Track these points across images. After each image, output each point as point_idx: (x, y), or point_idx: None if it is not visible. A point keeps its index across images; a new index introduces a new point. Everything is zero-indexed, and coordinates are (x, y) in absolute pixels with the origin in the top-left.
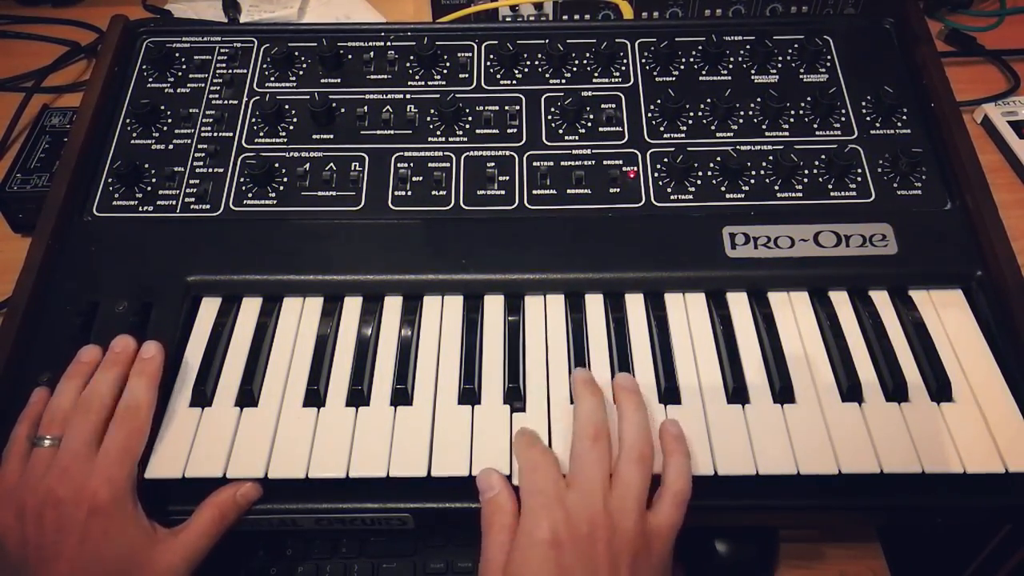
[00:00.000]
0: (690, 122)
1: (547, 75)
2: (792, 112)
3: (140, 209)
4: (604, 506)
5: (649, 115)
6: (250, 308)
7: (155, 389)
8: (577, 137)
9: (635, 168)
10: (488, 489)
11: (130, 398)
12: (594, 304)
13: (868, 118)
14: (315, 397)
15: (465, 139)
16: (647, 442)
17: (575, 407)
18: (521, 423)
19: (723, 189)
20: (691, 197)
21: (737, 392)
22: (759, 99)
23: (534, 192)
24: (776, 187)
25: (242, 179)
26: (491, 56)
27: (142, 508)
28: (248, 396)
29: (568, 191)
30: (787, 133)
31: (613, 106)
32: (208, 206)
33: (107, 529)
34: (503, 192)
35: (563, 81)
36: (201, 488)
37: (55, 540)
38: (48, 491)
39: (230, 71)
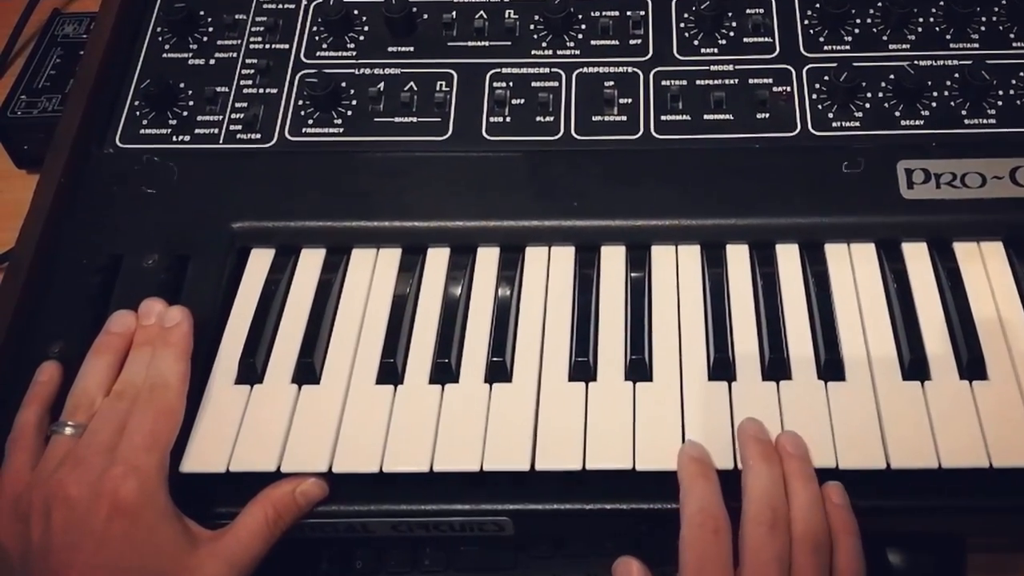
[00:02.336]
0: (857, 31)
1: None
2: (983, 17)
3: (174, 139)
4: None
5: (806, 22)
6: (310, 262)
7: (186, 361)
8: (716, 50)
9: (788, 88)
10: None
11: (155, 374)
12: (737, 256)
13: None
14: (391, 372)
15: (577, 52)
16: (822, 526)
17: (746, 478)
18: (647, 404)
19: (897, 114)
20: (858, 124)
21: (915, 366)
22: (942, 1)
23: (663, 118)
24: (963, 112)
25: (300, 102)
26: None
27: (176, 506)
28: (308, 371)
29: (705, 117)
30: (977, 45)
31: (761, 11)
32: (258, 136)
33: (131, 532)
34: (624, 118)
35: None
36: (250, 485)
37: (65, 546)
38: (57, 486)
39: None
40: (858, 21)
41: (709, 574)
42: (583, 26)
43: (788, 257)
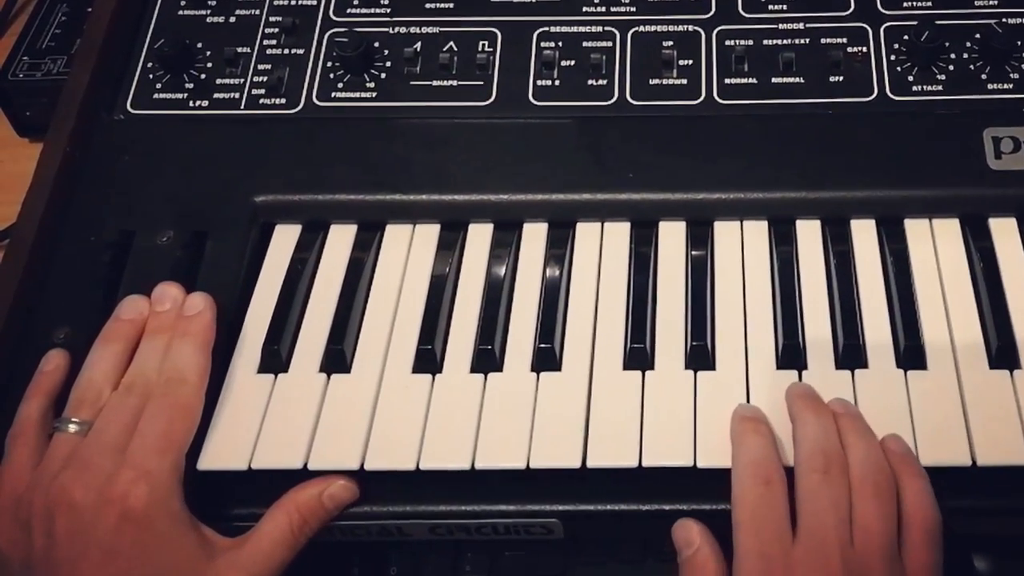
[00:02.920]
0: None
1: None
2: None
3: (191, 104)
4: (844, 567)
5: None
6: (340, 239)
7: (206, 354)
8: (785, 6)
9: (864, 49)
10: (686, 546)
11: (171, 367)
12: (808, 233)
13: None
14: (429, 360)
15: (633, 9)
16: (883, 471)
17: (796, 431)
18: (710, 395)
19: (984, 77)
20: (940, 88)
21: (1004, 353)
22: None
23: (726, 82)
24: None
25: (329, 64)
26: None
27: (191, 512)
28: (338, 359)
29: (773, 80)
30: None
31: None
32: (283, 101)
33: (142, 542)
34: (684, 82)
35: None
36: (274, 484)
37: (70, 557)
38: (61, 490)
39: None
40: None
41: (763, 529)
42: None
43: (864, 233)
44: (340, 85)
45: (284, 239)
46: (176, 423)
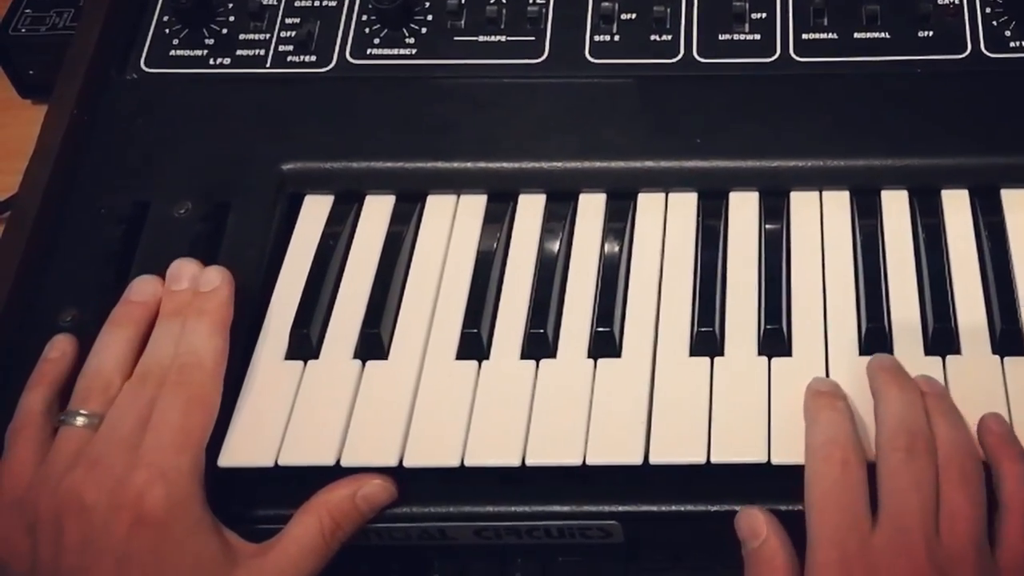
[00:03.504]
0: None
1: None
2: None
3: (211, 62)
4: (929, 556)
5: None
6: (377, 211)
7: (223, 335)
8: None
9: (957, 0)
10: (752, 537)
11: (186, 351)
12: (895, 204)
13: None
14: (475, 345)
15: None
16: (972, 452)
17: (878, 407)
18: (786, 384)
19: None
20: None
21: None
22: None
23: (804, 37)
24: None
25: (364, 17)
26: None
27: (212, 514)
28: (374, 344)
29: (855, 35)
30: None
31: None
32: (313, 58)
33: (159, 547)
34: (757, 36)
35: None
36: (303, 483)
37: (80, 565)
38: (70, 492)
39: None
40: None
41: (839, 515)
42: None
43: (956, 205)
44: (376, 41)
45: (314, 211)
46: (192, 415)
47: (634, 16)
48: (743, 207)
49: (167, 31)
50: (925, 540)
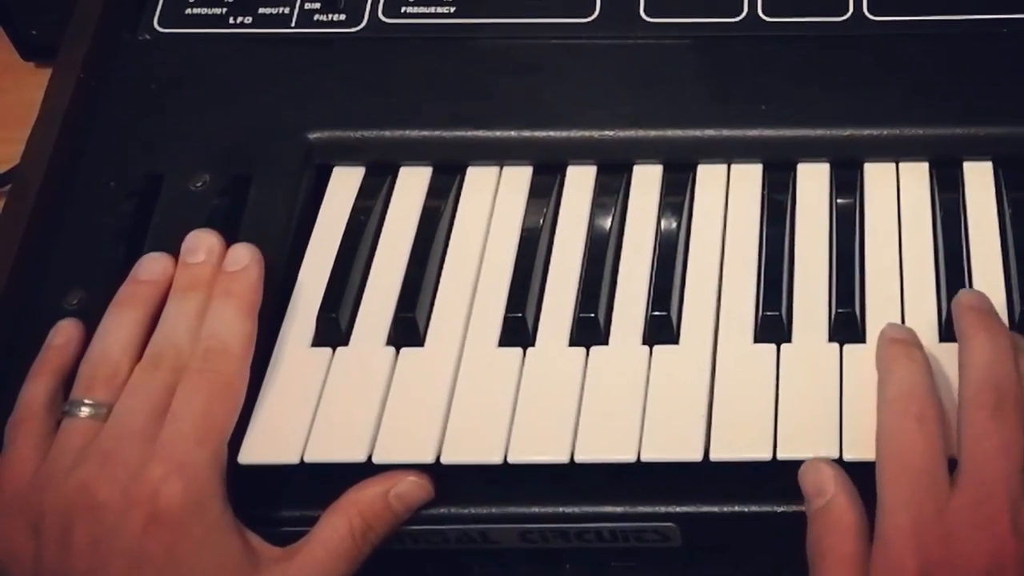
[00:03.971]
0: None
1: None
2: None
3: (231, 21)
4: (1013, 529)
5: None
6: (412, 184)
7: (252, 318)
8: None
9: None
10: (817, 494)
11: (210, 335)
12: (979, 177)
13: None
14: (519, 331)
15: None
16: None
17: (963, 353)
18: (859, 371)
19: None
20: None
21: None
22: None
23: None
24: None
25: None
26: None
27: (234, 515)
28: (409, 329)
29: None
30: None
31: None
32: (342, 17)
33: (175, 548)
34: None
35: None
36: (331, 481)
37: (89, 568)
38: (79, 489)
39: None
40: None
41: (914, 476)
42: None
43: None
44: None
45: (344, 184)
46: (216, 405)
47: None
48: (812, 179)
49: None
50: (1010, 505)
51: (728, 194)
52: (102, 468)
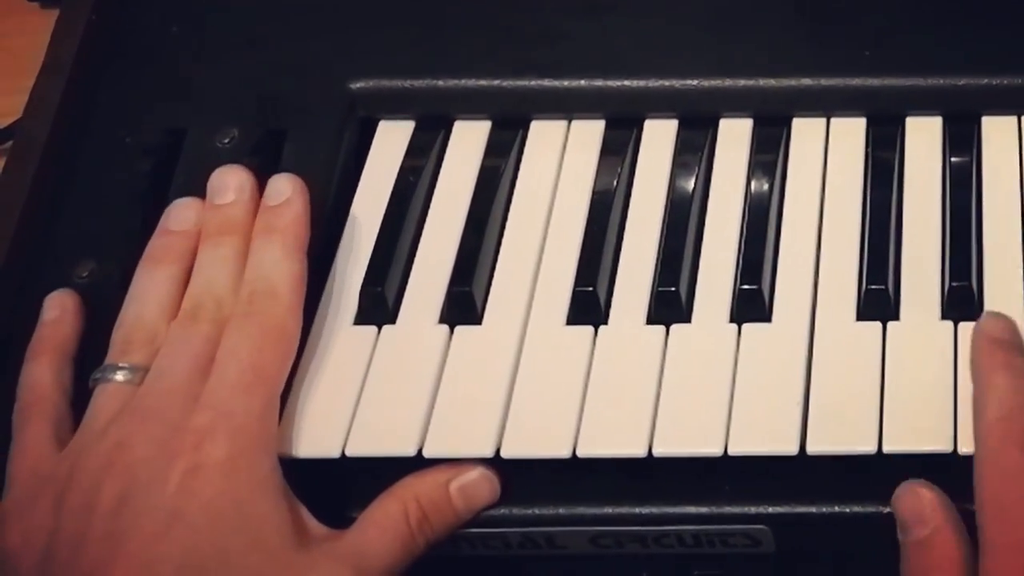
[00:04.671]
0: None
1: None
2: None
3: None
4: None
5: None
6: (468, 140)
7: (300, 256)
8: None
9: None
10: (917, 523)
11: (255, 276)
12: None
13: None
14: (590, 307)
15: None
16: None
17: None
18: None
19: None
20: None
21: None
22: None
23: None
24: None
25: None
26: None
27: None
28: (464, 305)
29: None
30: None
31: None
32: None
33: (215, 503)
34: None
35: None
36: (377, 478)
37: (109, 531)
38: (114, 447)
39: None
40: None
41: (1018, 509)
42: None
43: None
44: None
45: (391, 140)
46: (267, 351)
47: None
48: (923, 135)
49: None
50: None
51: (827, 151)
52: (140, 425)
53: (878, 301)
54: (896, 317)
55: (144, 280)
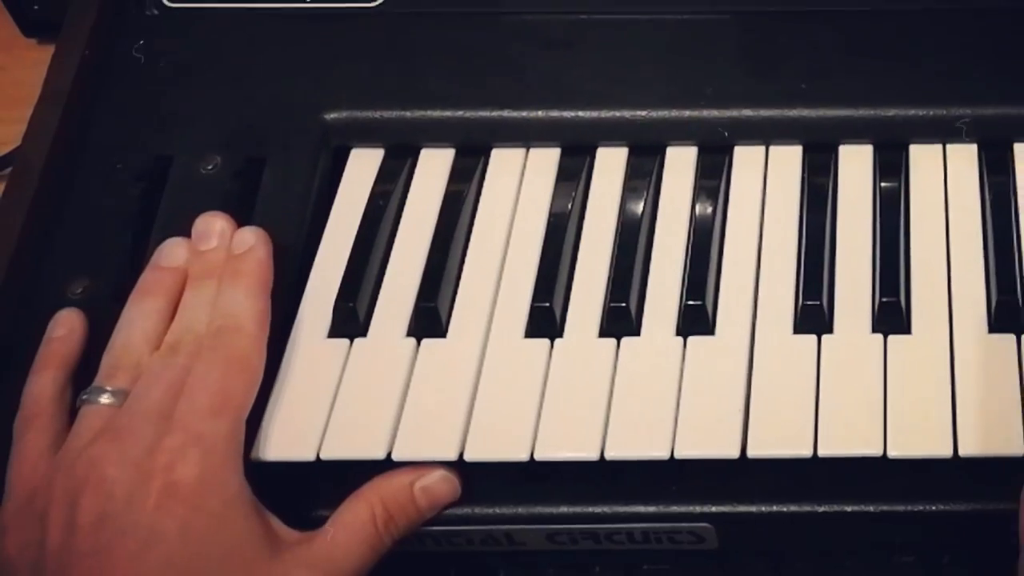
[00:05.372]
0: None
1: None
2: None
3: None
4: None
5: None
6: (434, 166)
7: (263, 296)
8: None
9: None
10: None
11: (222, 314)
12: None
13: None
14: (547, 321)
15: None
16: None
17: None
18: (904, 364)
19: None
20: None
21: None
22: None
23: None
24: None
25: None
26: None
27: (254, 493)
28: (430, 320)
29: None
30: None
31: None
32: None
33: (191, 523)
34: None
35: None
36: (349, 479)
37: (95, 547)
38: (89, 466)
39: None
40: None
41: None
42: None
43: None
44: None
45: (362, 167)
46: (232, 378)
47: None
48: (855, 162)
49: None
50: None
51: (766, 177)
52: (114, 443)
53: (813, 316)
54: (830, 330)
55: (133, 311)
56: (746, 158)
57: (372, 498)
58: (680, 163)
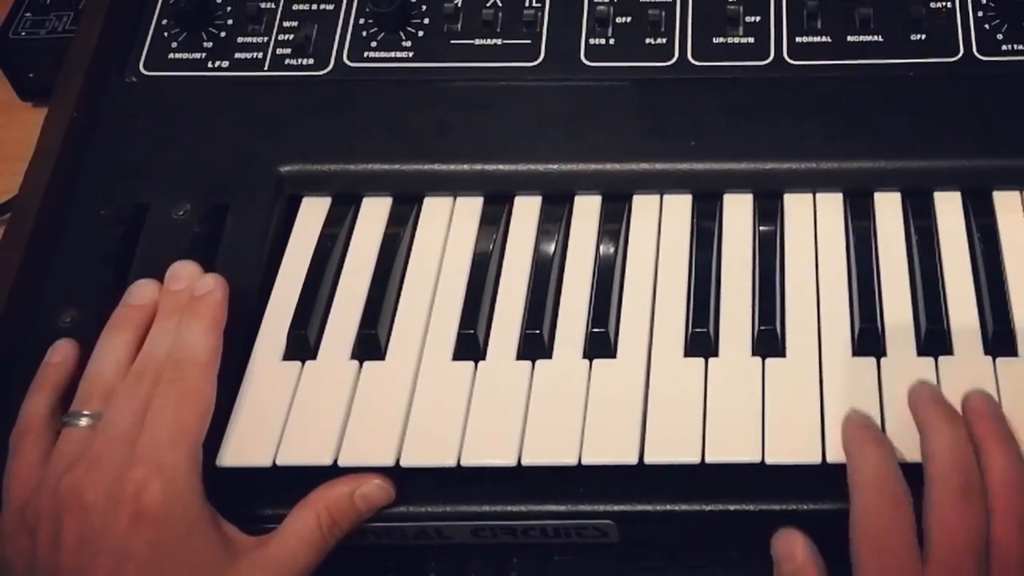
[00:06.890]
0: None
1: None
2: None
3: (209, 65)
4: None
5: None
6: (374, 213)
7: (216, 335)
8: None
9: (949, 4)
10: (787, 559)
11: (179, 348)
12: (888, 207)
13: None
14: (471, 346)
15: None
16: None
17: (928, 441)
18: (781, 384)
19: None
20: None
21: None
22: None
23: (798, 40)
24: None
25: (362, 21)
26: None
27: (213, 508)
28: (371, 345)
29: (848, 38)
30: None
31: None
32: (311, 61)
33: (159, 542)
34: (751, 40)
35: None
36: (301, 482)
37: (78, 565)
38: (69, 491)
39: None
40: None
41: (891, 557)
42: None
43: (949, 207)
44: (374, 44)
45: (312, 213)
46: (187, 411)
47: (629, 19)
48: (737, 209)
49: (166, 34)
50: None
51: (661, 222)
52: (88, 471)
53: (701, 341)
54: (716, 354)
55: (106, 343)
56: (643, 205)
57: (318, 505)
58: (586, 210)
